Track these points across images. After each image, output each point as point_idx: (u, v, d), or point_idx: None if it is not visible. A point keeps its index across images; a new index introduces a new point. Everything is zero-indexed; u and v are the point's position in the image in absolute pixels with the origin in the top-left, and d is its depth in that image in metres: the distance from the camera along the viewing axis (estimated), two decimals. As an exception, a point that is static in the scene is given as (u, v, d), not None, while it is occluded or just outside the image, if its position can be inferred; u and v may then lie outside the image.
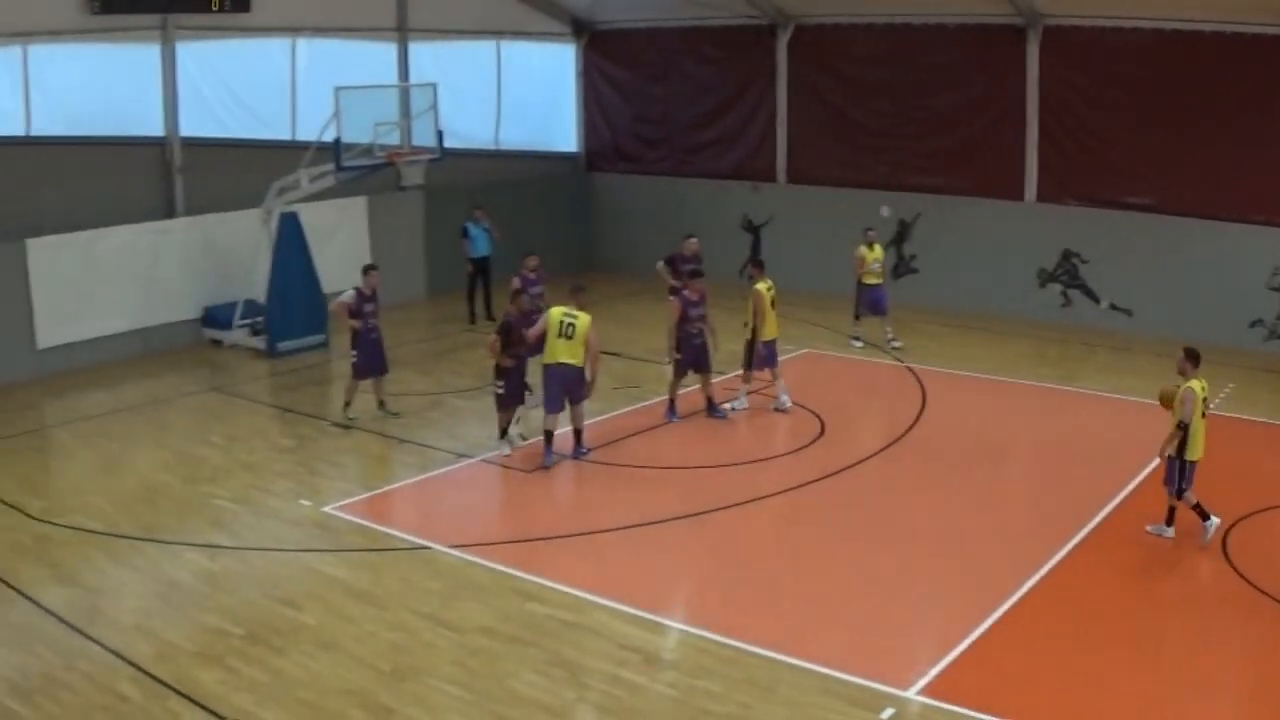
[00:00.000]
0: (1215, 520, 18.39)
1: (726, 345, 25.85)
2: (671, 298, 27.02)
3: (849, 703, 13.76)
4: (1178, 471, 18.35)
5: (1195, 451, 18.25)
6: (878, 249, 30.59)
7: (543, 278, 26.99)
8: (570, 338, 21.96)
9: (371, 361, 24.99)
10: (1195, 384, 18.26)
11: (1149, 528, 18.78)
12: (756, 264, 26.75)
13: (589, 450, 22.67)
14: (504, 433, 22.88)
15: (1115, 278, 32.24)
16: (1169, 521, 18.66)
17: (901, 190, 35.52)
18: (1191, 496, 18.41)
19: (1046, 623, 15.94)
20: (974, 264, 33.78)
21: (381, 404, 25.29)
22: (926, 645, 15.25)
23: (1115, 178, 31.96)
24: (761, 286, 25.25)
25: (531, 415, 23.91)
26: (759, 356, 25.17)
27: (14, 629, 16.09)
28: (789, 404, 25.43)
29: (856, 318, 30.67)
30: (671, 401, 24.96)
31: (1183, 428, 18.15)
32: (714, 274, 26.94)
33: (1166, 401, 18.70)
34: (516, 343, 22.56)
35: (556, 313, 22.17)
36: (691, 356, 24.59)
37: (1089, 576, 17.37)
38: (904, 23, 34.79)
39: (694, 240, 28.96)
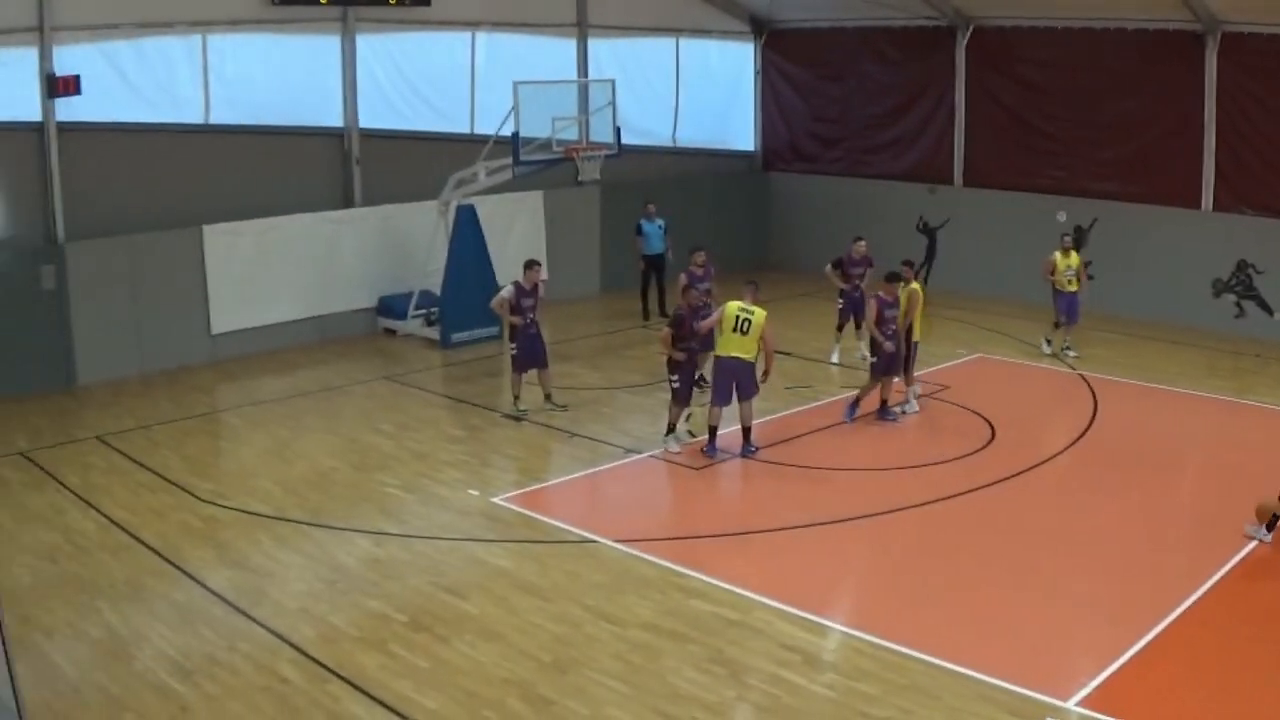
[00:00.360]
0: (1269, 535, 18.33)
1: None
2: (840, 300, 27.05)
3: (1008, 711, 13.41)
4: None
5: None
6: (1073, 256, 29.51)
7: (710, 273, 26.63)
8: (745, 333, 21.76)
9: (530, 356, 24.90)
10: None
11: (1247, 527, 18.54)
12: (908, 264, 26.02)
13: (757, 448, 22.44)
14: (672, 428, 22.71)
15: (1290, 289, 31.47)
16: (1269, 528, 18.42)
17: (1077, 196, 34.89)
18: None
19: (1211, 638, 15.43)
20: (1148, 272, 33.01)
21: (548, 397, 25.23)
22: (1088, 656, 14.87)
23: (1293, 188, 31.21)
24: (917, 285, 25.05)
25: (698, 411, 23.74)
26: (898, 357, 24.64)
27: (178, 609, 16.21)
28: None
29: (1057, 325, 29.70)
30: (856, 401, 24.54)
31: None
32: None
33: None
34: (688, 336, 22.44)
35: (733, 307, 21.93)
36: (885, 361, 24.30)
37: (1255, 592, 16.84)
38: (1083, 27, 34.16)
39: (863, 242, 28.65)
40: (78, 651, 15.03)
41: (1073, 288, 29.32)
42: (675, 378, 22.44)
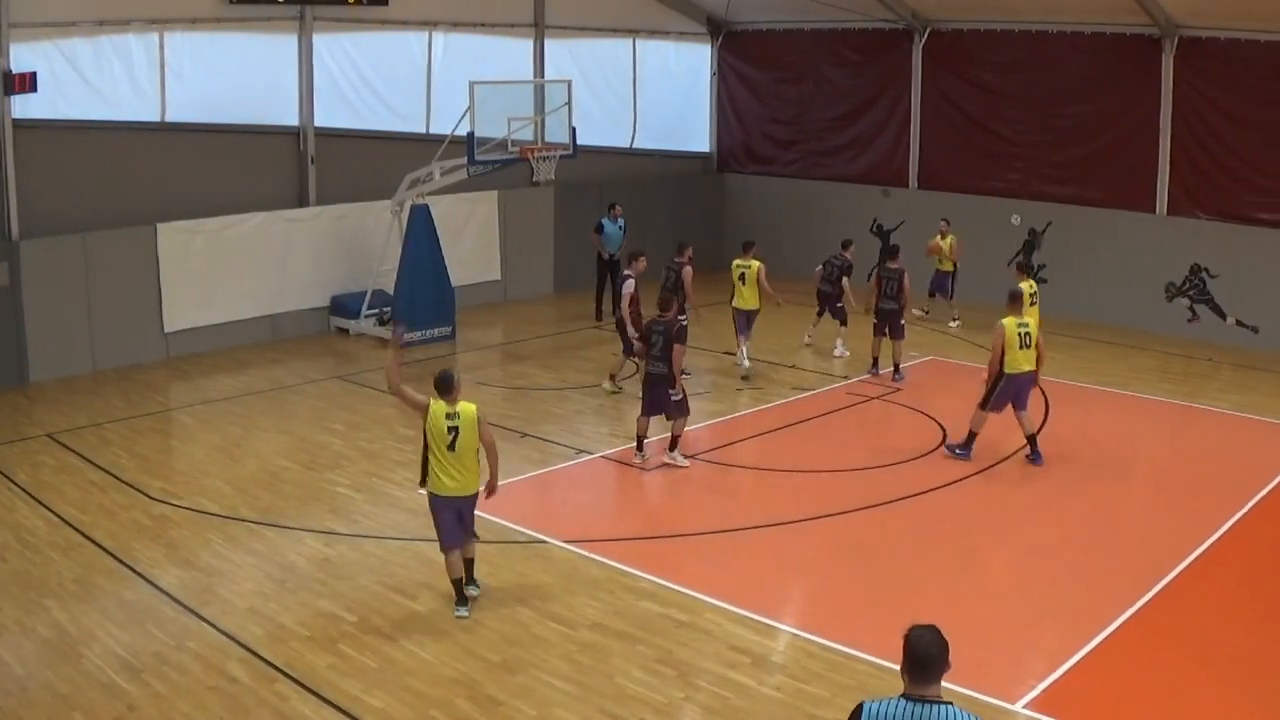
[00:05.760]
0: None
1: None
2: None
3: (955, 713, 13.53)
4: None
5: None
6: (949, 239, 33.21)
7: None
8: (1028, 346, 21.77)
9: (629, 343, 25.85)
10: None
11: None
12: (749, 245, 28.51)
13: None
14: (675, 441, 22.30)
15: (1242, 293, 31.68)
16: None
17: (1032, 199, 35.15)
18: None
19: (1159, 642, 15.55)
20: (1102, 275, 33.16)
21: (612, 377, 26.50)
22: (1035, 659, 14.96)
23: (1247, 192, 31.36)
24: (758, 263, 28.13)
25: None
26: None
27: (128, 608, 16.19)
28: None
29: (931, 295, 33.88)
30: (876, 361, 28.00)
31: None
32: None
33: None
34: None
35: (1012, 324, 21.65)
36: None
37: (1204, 596, 16.92)
38: (1040, 30, 34.38)
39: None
40: (26, 649, 15.00)
41: (946, 267, 33.23)
42: (675, 391, 21.80)
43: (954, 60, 36.54)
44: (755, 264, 27.87)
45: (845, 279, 29.56)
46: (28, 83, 26.24)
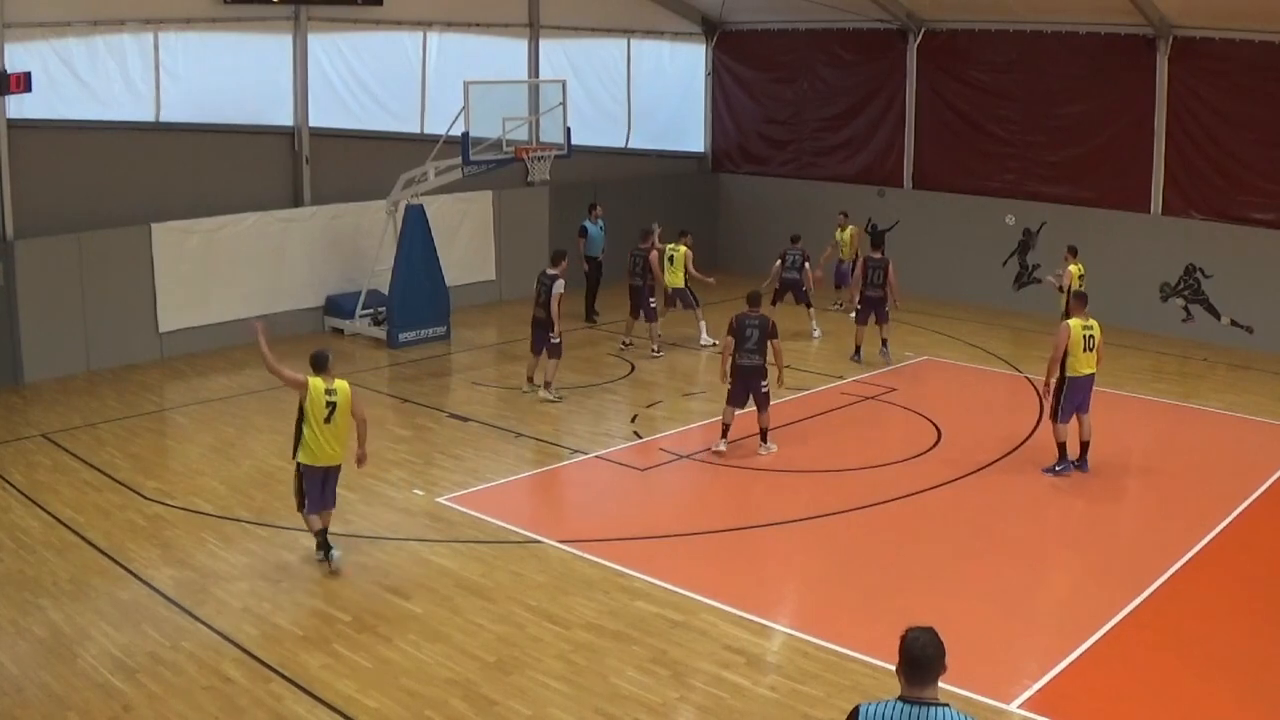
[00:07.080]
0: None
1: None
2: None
3: (951, 713, 13.52)
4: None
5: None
6: (849, 230, 35.42)
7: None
8: (1093, 349, 21.34)
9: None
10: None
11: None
12: (683, 233, 31.86)
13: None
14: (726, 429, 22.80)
15: (1237, 293, 31.70)
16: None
17: (1027, 199, 35.19)
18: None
19: (1154, 642, 15.54)
20: (1097, 276, 32.78)
21: (547, 385, 26.30)
22: (1031, 659, 14.94)
23: (1242, 193, 31.40)
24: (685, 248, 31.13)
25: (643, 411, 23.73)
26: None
27: (122, 607, 16.16)
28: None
29: (838, 286, 36.12)
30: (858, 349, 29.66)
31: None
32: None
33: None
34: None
35: (1077, 325, 21.15)
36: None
37: (1199, 597, 16.91)
38: (1034, 30, 34.40)
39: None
40: (20, 649, 14.97)
41: (847, 257, 35.14)
42: (765, 383, 22.61)
43: (948, 60, 36.56)
44: (683, 249, 31.01)
45: (807, 264, 32.06)
46: (22, 83, 26.15)
